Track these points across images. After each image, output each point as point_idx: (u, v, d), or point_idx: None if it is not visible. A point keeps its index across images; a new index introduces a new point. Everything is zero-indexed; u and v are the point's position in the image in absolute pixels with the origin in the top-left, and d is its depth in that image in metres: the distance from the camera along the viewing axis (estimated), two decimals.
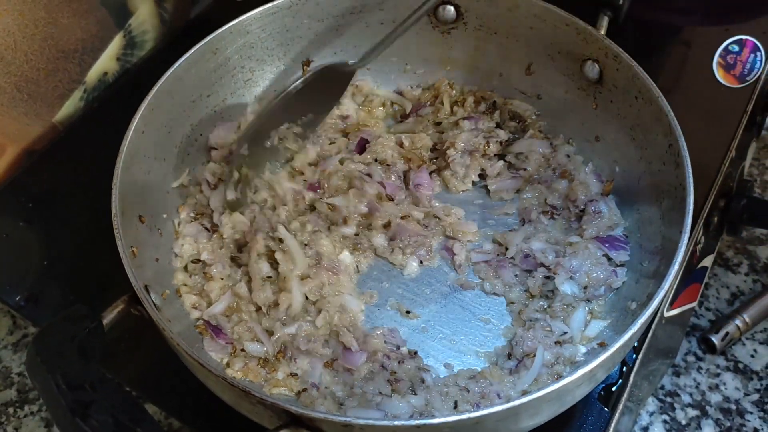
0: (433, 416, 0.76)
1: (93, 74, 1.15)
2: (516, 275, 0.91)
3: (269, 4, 0.99)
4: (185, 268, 0.92)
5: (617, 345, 0.69)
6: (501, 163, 1.01)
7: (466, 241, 0.95)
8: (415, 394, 0.79)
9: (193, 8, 1.28)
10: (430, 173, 1.01)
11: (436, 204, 1.00)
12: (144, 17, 1.20)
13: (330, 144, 1.02)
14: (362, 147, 1.01)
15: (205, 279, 0.90)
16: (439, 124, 1.06)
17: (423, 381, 0.80)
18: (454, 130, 1.02)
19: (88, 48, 1.13)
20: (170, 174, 0.95)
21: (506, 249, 0.93)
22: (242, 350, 0.85)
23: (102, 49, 1.15)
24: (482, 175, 1.02)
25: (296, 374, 0.84)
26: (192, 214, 0.96)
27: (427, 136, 1.02)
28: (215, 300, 0.88)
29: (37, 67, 1.07)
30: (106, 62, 1.17)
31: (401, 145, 1.02)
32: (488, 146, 1.00)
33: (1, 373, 1.08)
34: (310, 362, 0.83)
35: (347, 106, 1.07)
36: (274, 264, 0.89)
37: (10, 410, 1.04)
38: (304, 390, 0.83)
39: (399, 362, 0.82)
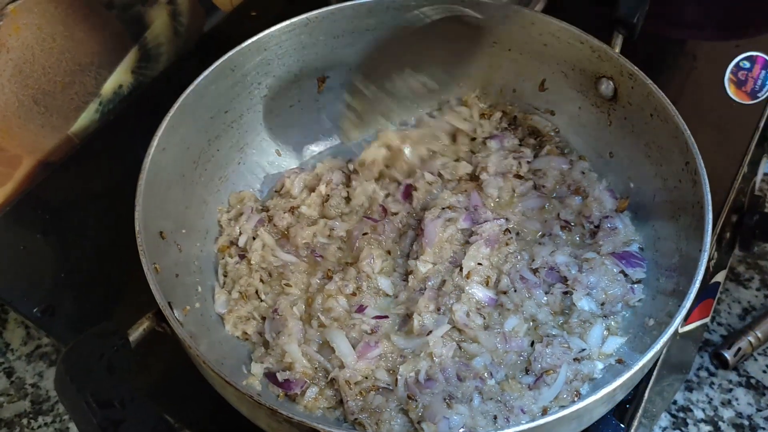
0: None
1: (108, 87, 1.16)
2: (545, 293, 0.91)
3: (286, 22, 1.00)
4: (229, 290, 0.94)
5: (638, 365, 0.69)
6: (530, 183, 1.01)
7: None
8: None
9: (207, 22, 1.29)
10: None
11: None
12: (159, 31, 1.21)
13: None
14: (408, 193, 1.01)
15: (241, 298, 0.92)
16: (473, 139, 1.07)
17: (471, 400, 0.81)
18: (482, 152, 1.03)
19: (104, 61, 1.14)
20: (188, 189, 0.95)
21: (532, 260, 0.93)
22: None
23: (117, 62, 1.16)
24: None
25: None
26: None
27: (468, 164, 1.03)
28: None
29: (53, 80, 1.08)
30: (122, 75, 1.17)
31: (441, 175, 1.03)
32: (520, 167, 1.01)
33: (14, 384, 1.08)
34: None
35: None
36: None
37: (24, 421, 1.05)
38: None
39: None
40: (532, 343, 0.86)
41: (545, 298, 0.90)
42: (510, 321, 0.88)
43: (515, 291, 0.90)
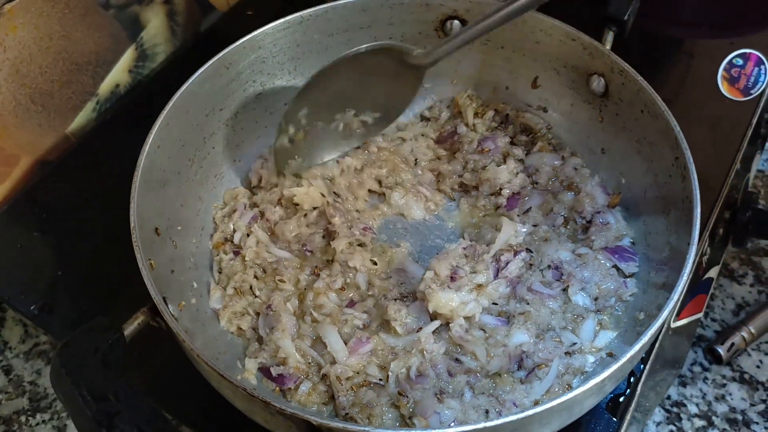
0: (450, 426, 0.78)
1: (105, 86, 1.17)
2: (551, 297, 0.89)
3: (281, 20, 1.00)
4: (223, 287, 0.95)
5: (626, 356, 0.70)
6: (535, 191, 1.01)
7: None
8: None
9: (204, 21, 1.30)
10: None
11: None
12: (156, 30, 1.21)
13: None
14: None
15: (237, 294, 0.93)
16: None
17: (463, 395, 0.82)
18: (477, 158, 1.03)
19: (101, 60, 1.15)
20: (183, 186, 0.96)
21: (540, 261, 0.92)
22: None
23: (114, 61, 1.17)
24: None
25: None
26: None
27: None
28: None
29: (51, 80, 1.09)
30: (119, 74, 1.18)
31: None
32: (535, 182, 1.02)
33: (12, 382, 1.09)
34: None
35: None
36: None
37: (22, 418, 1.05)
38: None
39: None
40: None
41: (556, 304, 0.88)
42: (517, 336, 0.85)
43: (528, 303, 0.88)
